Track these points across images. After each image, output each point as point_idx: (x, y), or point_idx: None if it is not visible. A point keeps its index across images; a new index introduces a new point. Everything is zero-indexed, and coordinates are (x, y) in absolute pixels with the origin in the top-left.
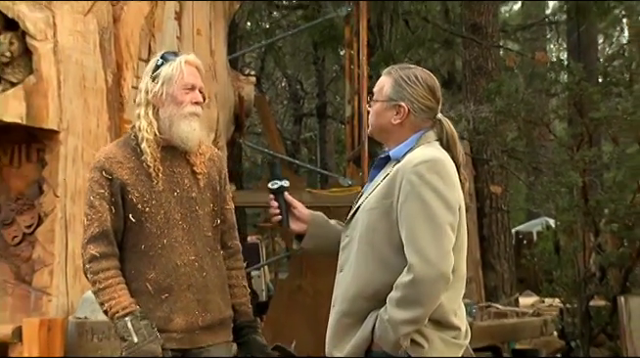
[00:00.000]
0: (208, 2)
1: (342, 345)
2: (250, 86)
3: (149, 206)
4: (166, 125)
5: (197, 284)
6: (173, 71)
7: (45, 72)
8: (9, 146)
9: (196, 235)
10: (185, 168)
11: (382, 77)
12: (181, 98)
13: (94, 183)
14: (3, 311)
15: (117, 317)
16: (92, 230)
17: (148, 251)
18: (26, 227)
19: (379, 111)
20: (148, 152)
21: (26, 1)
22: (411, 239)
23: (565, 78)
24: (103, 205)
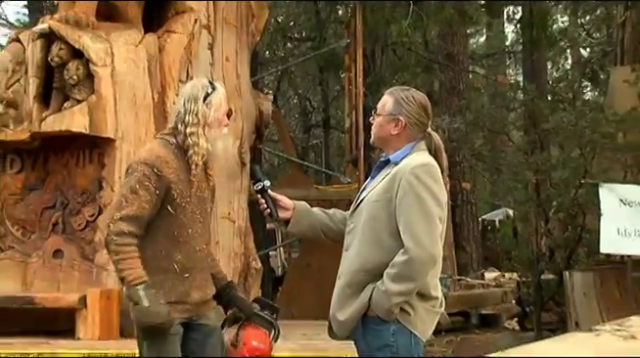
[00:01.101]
0: (235, 35)
1: (343, 310)
2: (268, 103)
3: (184, 202)
4: (211, 144)
5: (205, 266)
6: (221, 99)
7: (104, 92)
8: (75, 151)
9: (205, 227)
10: (203, 177)
11: (384, 96)
12: (223, 121)
13: (143, 175)
14: (71, 283)
15: (133, 284)
16: (128, 210)
17: (178, 238)
18: (89, 216)
19: (381, 123)
20: (198, 163)
21: (89, 34)
22: (408, 227)
23: (521, 96)
24: (145, 195)
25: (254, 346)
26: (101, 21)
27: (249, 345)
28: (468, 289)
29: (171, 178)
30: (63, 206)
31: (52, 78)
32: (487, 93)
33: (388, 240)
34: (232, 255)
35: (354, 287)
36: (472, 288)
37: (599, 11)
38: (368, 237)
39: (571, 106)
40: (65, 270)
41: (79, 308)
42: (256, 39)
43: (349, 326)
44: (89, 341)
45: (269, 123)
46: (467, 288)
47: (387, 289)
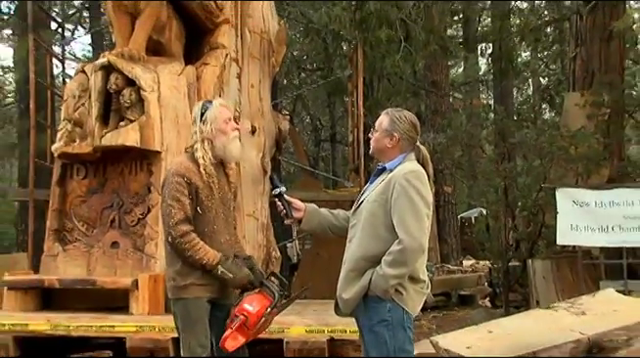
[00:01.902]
0: (258, 66)
1: (348, 290)
2: (285, 122)
3: (210, 203)
4: (222, 150)
5: (230, 254)
6: (215, 113)
7: (152, 113)
8: (129, 161)
9: (228, 223)
10: (224, 178)
11: (381, 116)
12: (224, 128)
13: (178, 185)
14: (125, 269)
15: (212, 266)
16: (180, 216)
17: (207, 232)
18: (140, 214)
19: (378, 138)
20: (207, 173)
21: (141, 66)
22: (401, 222)
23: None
24: (185, 200)
25: (244, 308)
26: (150, 55)
27: (240, 306)
28: (449, 274)
29: (198, 184)
30: (119, 206)
31: (110, 102)
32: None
33: (385, 233)
34: (256, 246)
35: (357, 271)
36: (452, 273)
37: (555, 47)
38: (368, 231)
39: (532, 124)
40: (120, 258)
41: (132, 289)
42: (276, 70)
43: (353, 304)
44: (140, 316)
45: (286, 138)
46: (448, 273)
47: (384, 272)
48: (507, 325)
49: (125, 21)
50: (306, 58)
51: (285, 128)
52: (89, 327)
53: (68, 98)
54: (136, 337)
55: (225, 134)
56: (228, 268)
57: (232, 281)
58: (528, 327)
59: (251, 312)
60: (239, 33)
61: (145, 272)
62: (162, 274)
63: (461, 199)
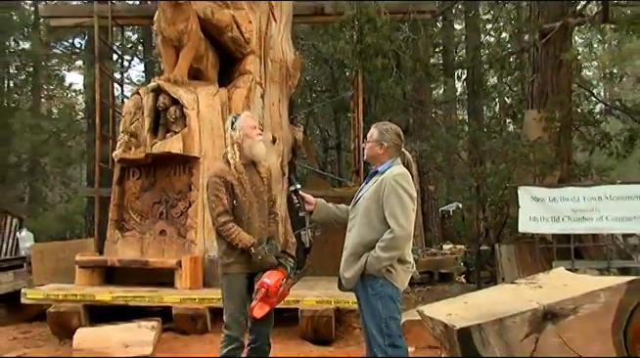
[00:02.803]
0: (278, 88)
1: (349, 270)
2: (300, 133)
3: (243, 197)
4: (249, 151)
5: (263, 237)
6: (242, 122)
7: (193, 126)
8: (174, 165)
9: (262, 211)
10: (256, 175)
11: (372, 129)
12: (250, 133)
13: (216, 184)
14: (171, 252)
15: (247, 248)
16: (219, 209)
17: (244, 219)
18: (183, 208)
19: (370, 147)
20: (237, 170)
21: (184, 89)
22: (392, 215)
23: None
24: (222, 196)
25: (264, 282)
26: (191, 80)
27: (262, 281)
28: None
29: (232, 182)
30: (166, 202)
31: (159, 118)
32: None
33: (378, 224)
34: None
35: (355, 255)
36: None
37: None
38: (364, 222)
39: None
40: (167, 243)
41: (176, 268)
42: (292, 91)
43: (353, 281)
44: (183, 290)
45: (301, 146)
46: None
47: (378, 255)
48: (479, 297)
49: (171, 52)
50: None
51: (299, 138)
52: (142, 298)
53: (125, 114)
54: (180, 307)
55: (251, 138)
56: (258, 252)
57: (260, 262)
58: (496, 298)
59: (270, 284)
60: (262, 62)
61: (187, 254)
62: (201, 256)
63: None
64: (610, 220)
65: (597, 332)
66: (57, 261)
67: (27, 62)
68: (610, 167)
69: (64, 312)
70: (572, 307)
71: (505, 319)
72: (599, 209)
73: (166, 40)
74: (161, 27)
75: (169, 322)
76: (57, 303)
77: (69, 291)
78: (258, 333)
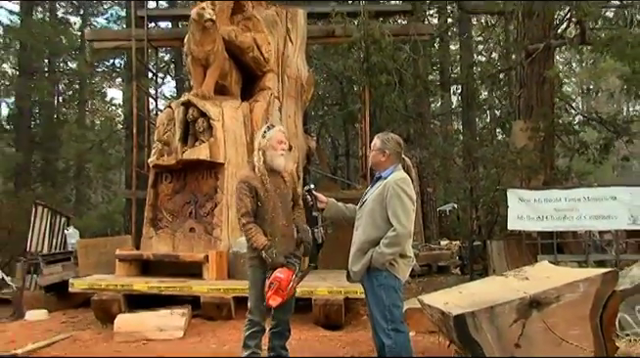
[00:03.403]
0: (294, 102)
1: (356, 264)
2: (313, 141)
3: (267, 198)
4: (270, 160)
5: (285, 235)
6: (272, 134)
7: (218, 136)
8: (202, 170)
9: (285, 211)
10: (280, 179)
11: (375, 139)
12: (276, 146)
13: (242, 189)
14: (199, 247)
15: (260, 249)
16: (243, 211)
17: (267, 219)
18: (210, 208)
19: (374, 154)
20: (261, 174)
21: (210, 103)
22: (394, 215)
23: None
24: (247, 199)
25: (277, 276)
26: (216, 95)
27: (274, 276)
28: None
29: (256, 186)
30: (195, 202)
31: (189, 128)
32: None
33: (382, 223)
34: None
35: (362, 251)
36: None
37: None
38: (369, 222)
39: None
40: (196, 240)
41: (204, 262)
42: (306, 104)
43: (360, 274)
44: (210, 281)
45: (314, 153)
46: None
47: (382, 251)
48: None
49: (200, 70)
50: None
51: (313, 146)
52: (174, 288)
53: (159, 125)
54: (207, 296)
55: (275, 150)
56: (269, 254)
57: (270, 263)
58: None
59: (282, 278)
60: (280, 79)
61: (213, 249)
62: (225, 251)
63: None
64: (588, 219)
65: (577, 318)
66: (99, 255)
67: (74, 80)
68: (587, 172)
69: (105, 300)
70: (555, 296)
71: (495, 307)
72: (578, 209)
73: (195, 60)
74: (191, 48)
75: (198, 309)
76: (99, 292)
77: (110, 282)
78: (280, 319)
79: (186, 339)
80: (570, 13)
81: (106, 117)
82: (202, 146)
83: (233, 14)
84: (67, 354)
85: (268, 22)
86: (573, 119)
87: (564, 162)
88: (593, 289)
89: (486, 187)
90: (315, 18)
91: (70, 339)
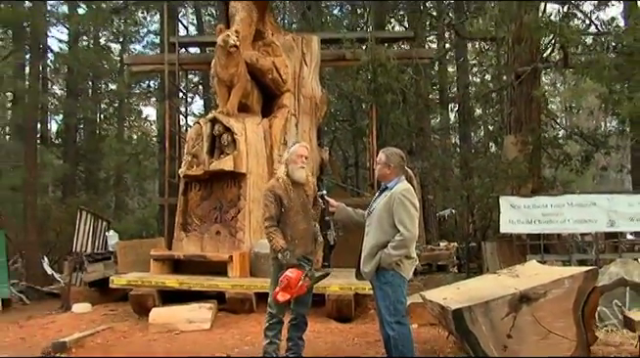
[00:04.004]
0: (309, 119)
1: (367, 266)
2: (326, 153)
3: (290, 205)
4: (291, 172)
5: (305, 238)
6: (295, 148)
7: (241, 149)
8: (227, 180)
9: (306, 217)
10: (302, 189)
11: (380, 153)
12: (296, 160)
13: (267, 196)
14: (224, 249)
15: (278, 250)
16: (267, 215)
17: (289, 224)
18: (234, 214)
19: (380, 168)
20: (285, 185)
21: (234, 119)
22: (401, 221)
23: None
24: (271, 206)
25: (286, 275)
26: (240, 112)
27: (285, 275)
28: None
29: (280, 194)
30: (220, 208)
31: (215, 142)
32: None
33: (389, 229)
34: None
35: (371, 254)
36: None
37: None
38: (378, 228)
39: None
40: (221, 242)
41: (229, 261)
42: (320, 120)
43: (371, 274)
44: (234, 278)
45: (327, 164)
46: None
47: (389, 252)
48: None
49: (225, 91)
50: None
51: (325, 158)
52: (202, 284)
53: (189, 140)
54: (232, 291)
55: (295, 163)
56: (284, 256)
57: (285, 264)
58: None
59: (291, 277)
60: (296, 98)
61: (237, 250)
62: (247, 252)
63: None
64: (571, 222)
65: (562, 311)
66: (136, 255)
67: (114, 99)
68: (571, 181)
69: (141, 295)
70: (543, 292)
71: (489, 301)
72: (562, 214)
73: (221, 81)
74: (217, 71)
75: (223, 303)
76: (136, 288)
77: (146, 279)
78: (297, 313)
79: (213, 330)
80: (554, 39)
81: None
82: (226, 158)
83: (254, 40)
84: (107, 342)
85: (286, 48)
86: (558, 134)
87: (550, 172)
88: (576, 285)
89: (481, 194)
90: (328, 43)
91: (111, 330)
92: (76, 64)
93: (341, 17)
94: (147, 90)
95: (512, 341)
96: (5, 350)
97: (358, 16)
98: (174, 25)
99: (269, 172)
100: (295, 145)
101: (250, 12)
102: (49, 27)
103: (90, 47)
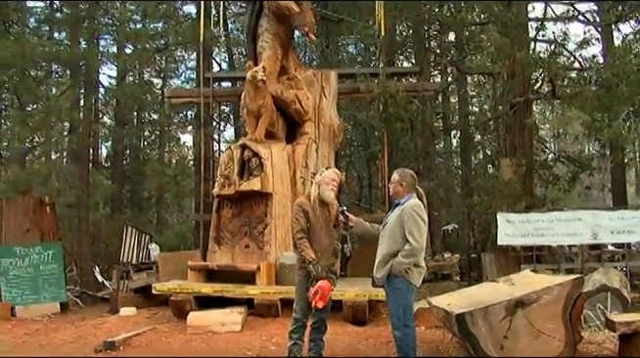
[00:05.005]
0: (328, 144)
1: (379, 271)
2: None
3: (315, 221)
4: (322, 193)
5: (327, 251)
6: (327, 173)
7: (268, 172)
8: (255, 198)
9: (328, 233)
10: (326, 208)
11: (394, 174)
12: (328, 182)
13: (298, 210)
14: (253, 260)
15: (309, 262)
16: (297, 228)
17: (314, 237)
18: (261, 229)
19: (394, 186)
20: (313, 202)
21: (261, 145)
22: (410, 233)
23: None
24: (301, 219)
25: (321, 285)
26: (266, 139)
27: (319, 285)
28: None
29: (308, 210)
30: (249, 224)
31: (244, 166)
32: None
33: (400, 239)
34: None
35: (384, 261)
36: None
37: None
38: (390, 238)
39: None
40: (250, 254)
41: (257, 271)
42: (338, 146)
43: (382, 280)
44: (261, 286)
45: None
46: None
47: (400, 261)
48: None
49: (253, 120)
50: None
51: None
52: (233, 291)
53: (221, 163)
54: (260, 298)
55: (327, 185)
56: (314, 268)
57: (314, 276)
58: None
59: (325, 288)
60: (316, 126)
61: (264, 261)
62: (274, 263)
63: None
64: (559, 236)
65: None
66: (175, 265)
67: (156, 127)
68: (559, 199)
69: (180, 300)
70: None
71: (489, 306)
72: (552, 228)
73: (250, 112)
74: (246, 103)
75: (252, 308)
76: (175, 294)
77: (184, 286)
78: (319, 318)
79: (243, 332)
80: (543, 74)
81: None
82: (255, 179)
83: (279, 75)
84: (150, 341)
85: (307, 82)
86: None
87: (541, 191)
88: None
89: (480, 211)
90: (344, 78)
91: (153, 331)
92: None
93: (355, 54)
94: (184, 119)
95: (508, 342)
96: (66, 346)
97: (371, 53)
98: (209, 63)
99: (293, 192)
100: (328, 169)
101: (275, 50)
102: (101, 65)
103: (135, 82)
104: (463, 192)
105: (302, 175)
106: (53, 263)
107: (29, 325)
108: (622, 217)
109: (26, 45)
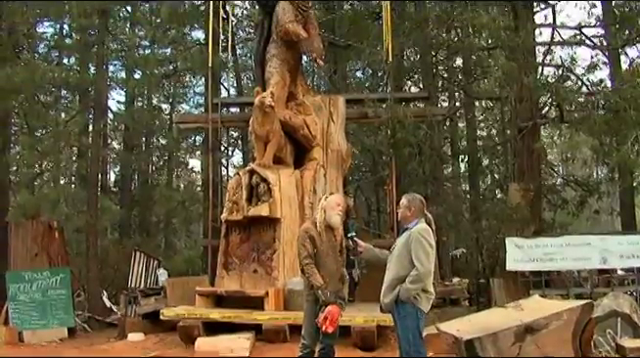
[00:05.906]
0: (336, 169)
1: (387, 298)
2: (350, 200)
3: (321, 247)
4: (328, 218)
5: (334, 277)
6: (332, 198)
7: (276, 197)
8: (263, 224)
9: (335, 259)
10: (332, 234)
11: (402, 199)
12: (334, 207)
13: (304, 236)
14: (261, 285)
15: (317, 288)
16: (304, 254)
17: (321, 263)
18: (270, 254)
19: (402, 211)
20: (319, 228)
21: (269, 170)
22: (417, 258)
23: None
24: (307, 245)
25: (330, 310)
26: (275, 164)
27: (329, 310)
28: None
29: (314, 235)
30: (257, 250)
31: (253, 191)
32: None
33: (408, 264)
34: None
35: (391, 287)
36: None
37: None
38: (397, 263)
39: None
40: (258, 279)
41: (265, 297)
42: (346, 171)
43: (390, 306)
44: (269, 311)
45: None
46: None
47: (407, 287)
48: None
49: (261, 145)
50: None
51: (350, 204)
52: (241, 317)
53: (230, 189)
54: (268, 323)
55: (333, 210)
56: (322, 293)
57: (323, 301)
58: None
59: (334, 313)
60: (325, 151)
61: (272, 287)
62: (282, 288)
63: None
64: (568, 260)
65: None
66: (183, 290)
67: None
68: (568, 223)
69: (188, 325)
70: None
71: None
72: (561, 253)
73: (258, 137)
74: (255, 128)
75: (260, 334)
76: (184, 319)
77: (192, 311)
78: (327, 343)
79: None
80: (551, 98)
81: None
82: (263, 205)
83: (288, 100)
84: None
85: (315, 107)
86: (556, 182)
87: (549, 216)
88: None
89: (489, 236)
90: (352, 103)
91: (161, 356)
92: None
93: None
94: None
95: None
96: None
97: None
98: (217, 88)
99: (301, 217)
100: (332, 194)
101: (283, 76)
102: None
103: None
104: (471, 217)
105: (311, 200)
106: (61, 288)
107: (37, 350)
108: (632, 241)
109: (36, 71)
